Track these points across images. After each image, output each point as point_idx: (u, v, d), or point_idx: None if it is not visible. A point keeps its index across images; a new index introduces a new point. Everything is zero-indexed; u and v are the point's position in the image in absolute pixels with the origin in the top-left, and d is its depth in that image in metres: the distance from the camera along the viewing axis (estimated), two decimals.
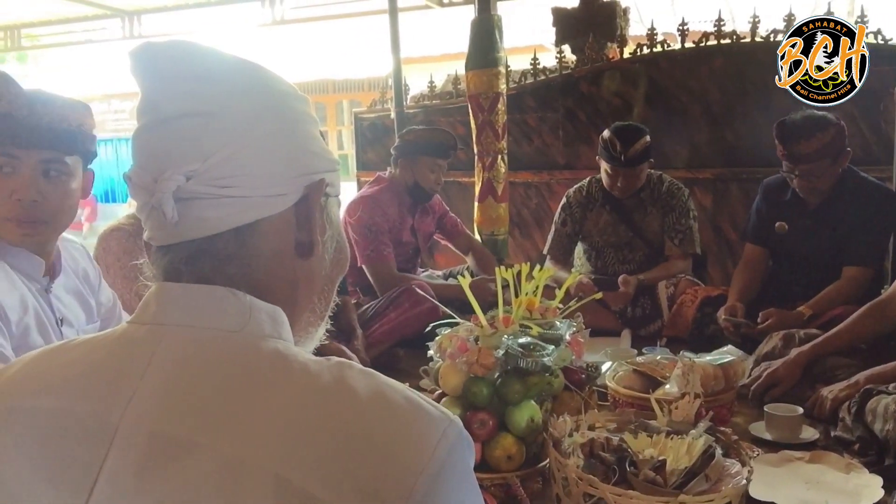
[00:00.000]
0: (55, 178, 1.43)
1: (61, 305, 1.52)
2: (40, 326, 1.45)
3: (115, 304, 1.72)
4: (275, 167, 0.71)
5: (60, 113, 1.41)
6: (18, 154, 1.39)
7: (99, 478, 0.61)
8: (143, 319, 0.70)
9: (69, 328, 1.52)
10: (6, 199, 1.40)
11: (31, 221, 1.42)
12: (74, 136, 1.43)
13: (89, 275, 1.65)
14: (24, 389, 0.69)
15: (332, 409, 0.62)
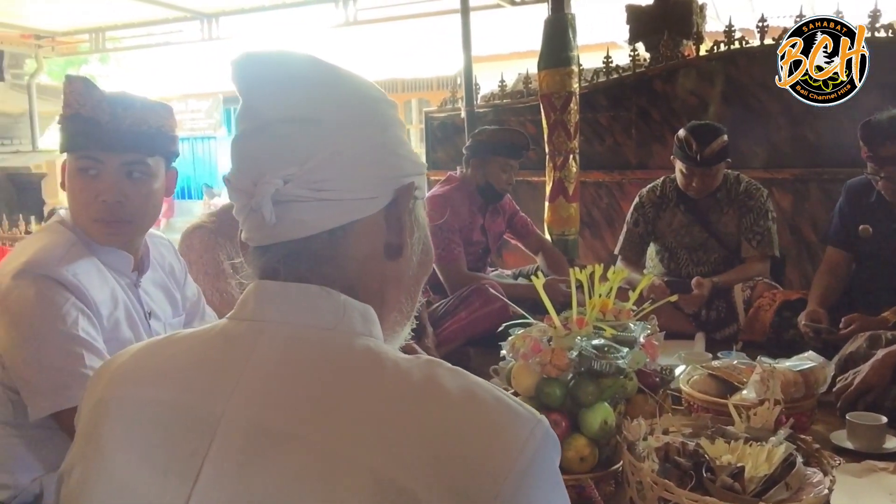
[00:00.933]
0: (138, 180, 1.48)
1: (149, 299, 1.59)
2: (129, 320, 1.51)
3: (200, 297, 1.78)
4: (367, 171, 0.73)
5: (141, 116, 1.46)
6: (102, 157, 1.45)
7: (203, 466, 0.64)
8: (242, 316, 0.73)
9: (156, 321, 1.58)
10: (92, 200, 1.46)
11: (116, 221, 1.48)
12: (155, 137, 1.48)
13: (175, 269, 1.71)
14: (133, 380, 0.73)
15: (424, 407, 0.64)
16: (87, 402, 0.76)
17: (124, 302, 1.51)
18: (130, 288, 1.55)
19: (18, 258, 1.44)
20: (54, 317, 1.37)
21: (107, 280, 1.48)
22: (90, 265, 1.46)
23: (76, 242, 1.48)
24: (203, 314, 1.78)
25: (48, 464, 1.43)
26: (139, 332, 1.52)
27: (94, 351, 1.39)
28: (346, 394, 0.65)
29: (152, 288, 1.61)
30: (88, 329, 1.39)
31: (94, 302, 1.42)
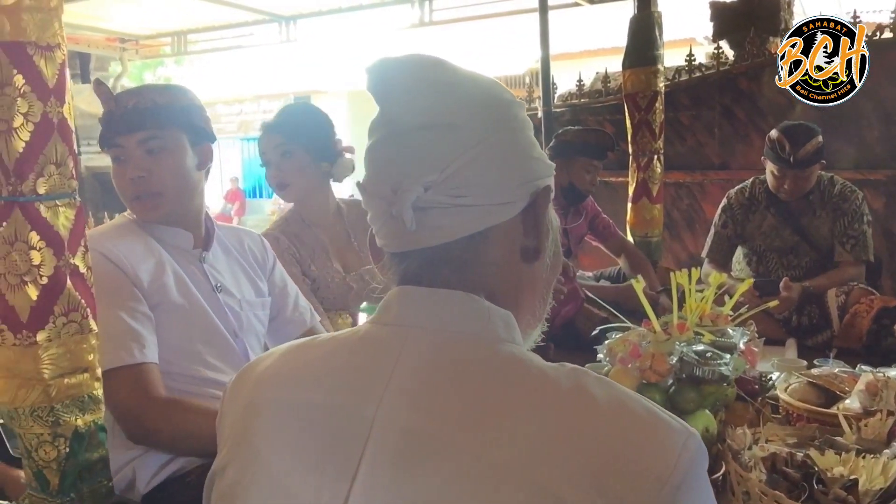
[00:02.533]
0: (158, 153, 1.57)
1: (217, 274, 1.66)
2: (182, 288, 1.58)
3: (286, 285, 1.83)
4: (505, 176, 0.73)
5: (146, 96, 1.56)
6: (121, 141, 1.56)
7: (359, 469, 0.65)
8: (385, 320, 0.73)
9: (228, 296, 1.66)
10: (125, 183, 1.58)
11: (145, 195, 1.58)
12: (164, 112, 1.57)
13: (258, 256, 1.79)
14: (281, 383, 0.74)
15: (576, 417, 0.63)
16: (234, 404, 0.77)
17: (176, 272, 1.58)
18: (193, 263, 1.64)
19: None
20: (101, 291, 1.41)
21: (153, 251, 1.58)
22: (136, 239, 1.57)
23: (131, 224, 1.62)
24: (296, 306, 1.83)
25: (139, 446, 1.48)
26: (196, 301, 1.59)
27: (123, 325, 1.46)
28: (497, 401, 0.65)
29: (223, 266, 1.70)
30: (126, 301, 1.48)
31: (134, 269, 1.51)
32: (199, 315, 1.57)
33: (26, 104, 1.21)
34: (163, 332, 1.49)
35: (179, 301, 1.55)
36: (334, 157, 2.20)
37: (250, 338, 1.67)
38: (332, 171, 2.22)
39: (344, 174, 2.28)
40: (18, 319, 1.24)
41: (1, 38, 1.18)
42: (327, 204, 2.27)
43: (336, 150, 2.21)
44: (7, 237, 1.24)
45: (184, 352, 1.51)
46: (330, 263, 2.18)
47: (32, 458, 1.29)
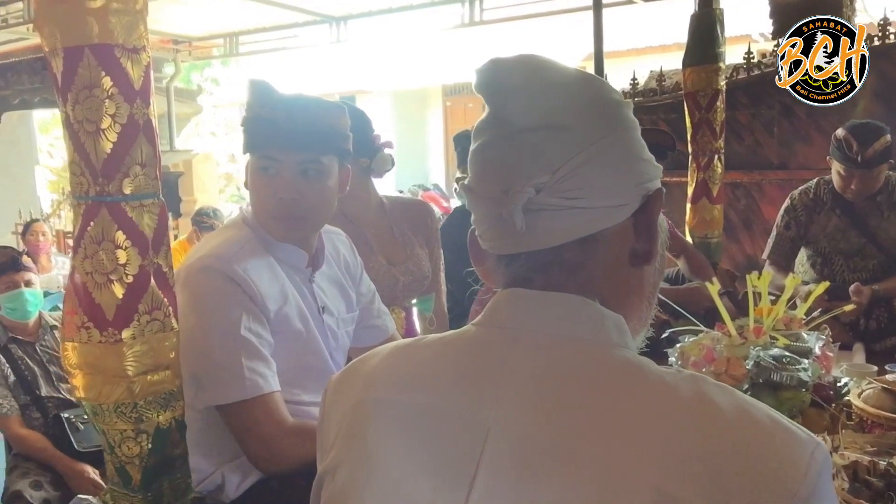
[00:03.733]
0: (313, 178, 1.51)
1: (322, 294, 1.62)
2: (300, 314, 1.54)
3: (375, 296, 1.80)
4: (617, 178, 0.71)
5: (315, 115, 1.49)
6: (279, 156, 1.49)
7: (477, 475, 0.64)
8: (494, 323, 0.72)
9: (329, 316, 1.62)
10: (270, 198, 1.50)
11: (293, 218, 1.52)
12: (329, 136, 1.51)
13: (350, 265, 1.74)
14: (390, 383, 0.74)
15: (699, 425, 0.62)
16: (339, 404, 0.77)
17: (295, 297, 1.54)
18: (304, 283, 1.59)
19: (201, 250, 1.52)
20: (220, 314, 1.43)
21: (277, 276, 1.52)
22: (261, 261, 1.51)
23: (252, 239, 1.53)
24: (380, 314, 1.80)
25: (227, 451, 1.48)
26: (310, 326, 1.56)
27: (253, 352, 1.42)
28: (614, 407, 0.64)
29: (326, 283, 1.65)
30: (252, 326, 1.44)
31: (262, 297, 1.46)
32: (310, 340, 1.55)
33: (114, 106, 1.23)
34: (275, 357, 1.46)
35: (298, 328, 1.52)
36: (373, 152, 2.18)
37: (340, 355, 1.65)
38: (372, 165, 2.19)
39: (383, 169, 2.25)
40: (104, 317, 1.26)
41: (90, 41, 1.20)
42: (368, 199, 2.25)
43: (375, 145, 2.18)
44: (95, 236, 1.26)
45: (288, 375, 1.47)
46: (374, 257, 2.17)
47: (115, 453, 1.31)
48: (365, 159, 2.16)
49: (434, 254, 2.37)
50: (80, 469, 2.69)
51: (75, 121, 1.23)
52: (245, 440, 1.40)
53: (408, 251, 2.25)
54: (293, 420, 1.43)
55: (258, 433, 1.39)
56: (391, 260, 2.21)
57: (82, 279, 1.27)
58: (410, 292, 2.24)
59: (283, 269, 1.54)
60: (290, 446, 1.39)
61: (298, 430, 1.42)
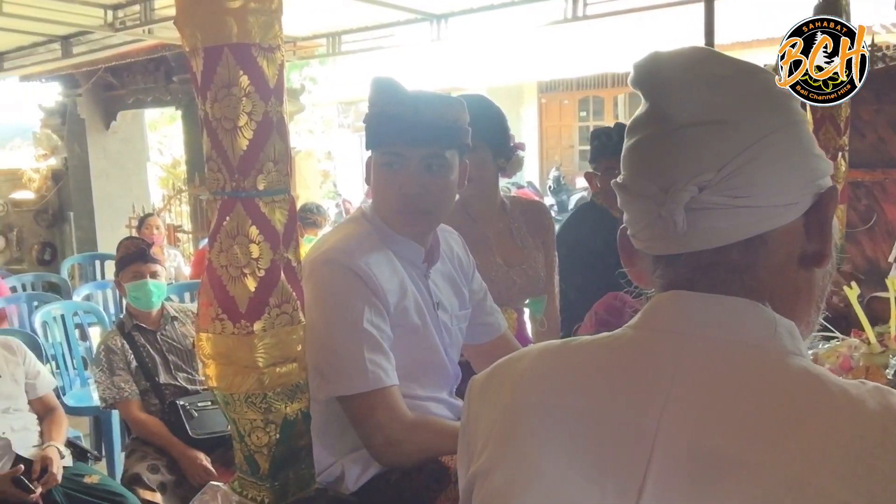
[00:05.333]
0: (436, 172, 1.51)
1: (437, 290, 1.63)
2: (417, 309, 1.55)
3: (486, 295, 1.79)
4: (787, 174, 0.68)
5: (440, 111, 1.49)
6: (404, 151, 1.50)
7: (646, 483, 0.62)
8: (654, 326, 0.70)
9: (444, 312, 1.62)
10: (394, 193, 1.52)
11: (416, 212, 1.53)
12: (452, 131, 1.51)
13: (463, 262, 1.74)
14: (544, 386, 0.72)
15: (891, 440, 0.58)
16: (488, 405, 0.76)
17: (412, 292, 1.55)
18: (420, 278, 1.59)
19: (324, 245, 1.55)
20: (343, 306, 1.45)
21: (396, 270, 1.54)
22: (382, 255, 1.52)
23: (372, 234, 1.55)
24: (491, 311, 1.79)
25: (348, 443, 1.50)
26: (426, 321, 1.57)
27: (375, 345, 1.44)
28: (796, 420, 0.60)
29: (441, 279, 1.65)
30: (374, 320, 1.46)
31: (383, 290, 1.48)
32: (426, 335, 1.56)
33: (250, 104, 1.26)
34: (392, 351, 1.47)
35: (416, 322, 1.53)
36: (511, 153, 2.17)
37: (454, 351, 1.65)
38: (507, 166, 2.19)
39: (515, 170, 2.25)
40: (237, 310, 1.29)
41: (229, 41, 1.23)
42: (496, 199, 2.25)
43: (511, 146, 2.18)
44: (230, 231, 1.29)
45: (404, 369, 1.48)
46: (493, 258, 2.15)
47: (245, 442, 1.35)
48: (503, 160, 2.16)
49: (549, 255, 2.34)
50: (193, 455, 2.79)
51: (213, 118, 1.27)
52: (365, 432, 1.42)
53: (525, 253, 2.24)
54: (413, 414, 1.44)
55: (378, 426, 1.41)
56: (508, 261, 2.20)
57: (217, 272, 1.31)
58: (525, 294, 2.23)
59: (401, 263, 1.55)
60: (409, 440, 1.40)
61: (418, 425, 1.43)
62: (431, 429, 1.45)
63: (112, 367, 2.90)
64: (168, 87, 8.23)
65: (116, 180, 9.25)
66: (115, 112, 9.10)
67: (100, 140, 9.18)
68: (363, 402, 1.40)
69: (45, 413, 2.87)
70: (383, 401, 1.40)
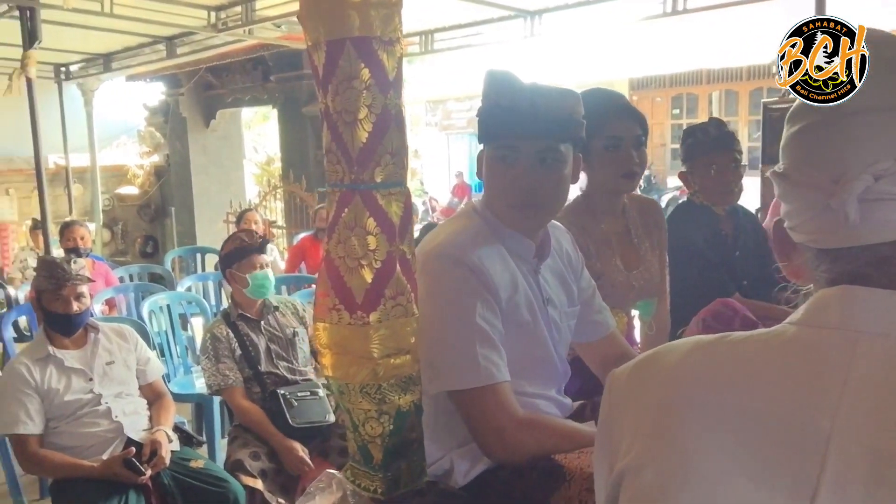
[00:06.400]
0: (550, 166, 1.49)
1: (547, 286, 1.60)
2: (528, 304, 1.53)
3: (595, 292, 1.76)
4: None
5: (557, 103, 1.47)
6: (519, 145, 1.47)
7: (820, 486, 0.59)
8: (822, 323, 0.66)
9: (553, 308, 1.60)
10: (508, 186, 1.50)
11: (530, 206, 1.51)
12: (567, 124, 1.48)
13: (572, 258, 1.72)
14: (702, 382, 0.69)
15: None
16: (635, 399, 0.74)
17: (523, 287, 1.54)
18: (531, 274, 1.58)
19: (435, 239, 1.54)
20: (456, 301, 1.44)
21: (508, 265, 1.52)
22: (493, 250, 1.51)
23: (483, 228, 1.54)
24: (600, 309, 1.76)
25: (457, 438, 1.49)
26: (537, 317, 1.55)
27: (487, 340, 1.43)
28: None
29: (550, 276, 1.63)
30: (486, 315, 1.44)
31: (495, 285, 1.46)
32: (536, 331, 1.54)
33: (370, 96, 1.27)
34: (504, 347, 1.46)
35: (526, 318, 1.52)
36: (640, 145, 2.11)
37: (563, 348, 1.63)
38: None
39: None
40: (354, 300, 1.31)
41: (351, 34, 1.25)
42: (620, 196, 2.18)
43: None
44: (348, 223, 1.31)
45: (515, 366, 1.46)
46: (614, 260, 2.10)
47: (359, 432, 1.37)
48: None
49: (663, 256, 2.27)
50: (291, 446, 2.84)
51: (334, 111, 1.29)
52: (476, 428, 1.41)
53: (641, 255, 2.18)
54: (524, 411, 1.42)
55: (489, 421, 1.40)
56: (627, 265, 2.14)
57: (335, 263, 1.33)
58: (639, 298, 2.17)
59: (512, 258, 1.54)
60: (521, 437, 1.39)
61: (531, 422, 1.41)
62: (544, 427, 1.44)
63: (217, 355, 2.99)
64: (265, 86, 8.46)
65: (215, 177, 9.59)
66: (215, 110, 9.42)
67: (200, 138, 9.53)
68: (474, 397, 1.40)
69: (154, 398, 2.98)
70: (495, 396, 1.40)
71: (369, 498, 1.35)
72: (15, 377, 2.70)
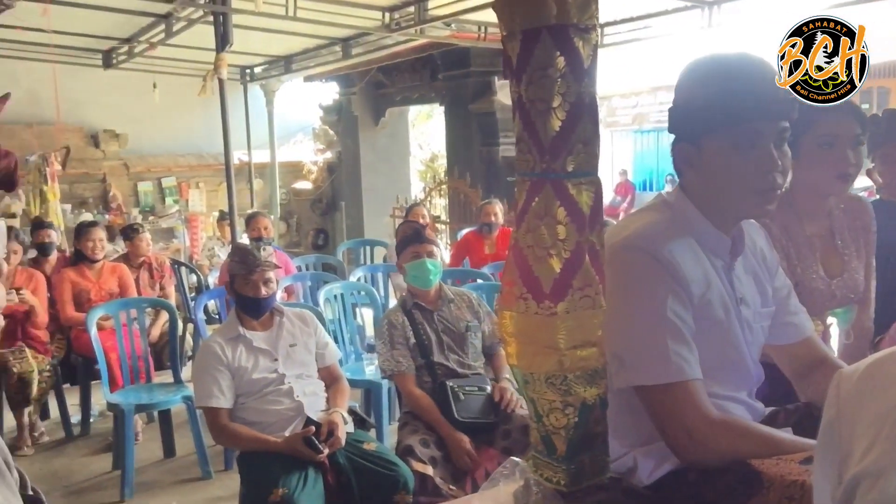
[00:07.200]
0: (781, 146, 1.42)
1: (740, 284, 1.53)
2: (722, 302, 1.47)
3: (791, 292, 1.66)
4: None
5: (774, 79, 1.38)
6: (762, 128, 1.40)
7: None
8: None
9: (746, 308, 1.52)
10: (751, 172, 1.42)
11: (772, 191, 1.43)
12: (794, 102, 1.39)
13: (766, 257, 1.62)
14: None
15: None
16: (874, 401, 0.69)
17: (717, 284, 1.47)
18: (724, 271, 1.51)
19: (623, 231, 1.50)
20: (646, 294, 1.40)
21: (700, 260, 1.46)
22: (685, 244, 1.45)
23: (674, 221, 1.49)
24: (795, 309, 1.65)
25: (642, 435, 1.45)
26: (730, 316, 1.48)
27: (677, 335, 1.38)
28: None
29: (743, 273, 1.55)
30: (677, 309, 1.39)
31: (687, 280, 1.41)
32: (729, 331, 1.48)
33: (565, 85, 1.26)
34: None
35: (720, 317, 1.46)
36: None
37: (755, 350, 1.55)
38: None
39: None
40: (542, 290, 1.30)
41: (547, 22, 1.24)
42: (828, 199, 2.03)
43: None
44: (538, 211, 1.31)
45: (705, 366, 1.40)
46: (815, 266, 1.96)
47: (543, 423, 1.36)
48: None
49: (869, 259, 2.10)
50: (459, 438, 2.88)
51: (527, 100, 1.29)
52: (665, 426, 1.37)
53: (845, 262, 2.02)
54: (717, 412, 1.36)
55: (680, 420, 1.35)
56: (829, 271, 1.99)
57: (523, 252, 1.33)
58: (839, 305, 2.02)
59: (704, 254, 1.47)
60: (713, 438, 1.33)
61: (724, 423, 1.35)
62: (740, 430, 1.36)
63: (392, 341, 3.09)
64: (433, 84, 8.66)
65: (382, 173, 9.93)
66: (384, 109, 9.75)
67: (369, 135, 9.90)
68: (664, 393, 1.35)
69: (330, 381, 3.12)
70: (686, 394, 1.35)
71: (553, 489, 1.34)
72: (210, 354, 2.92)
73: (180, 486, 3.89)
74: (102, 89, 8.72)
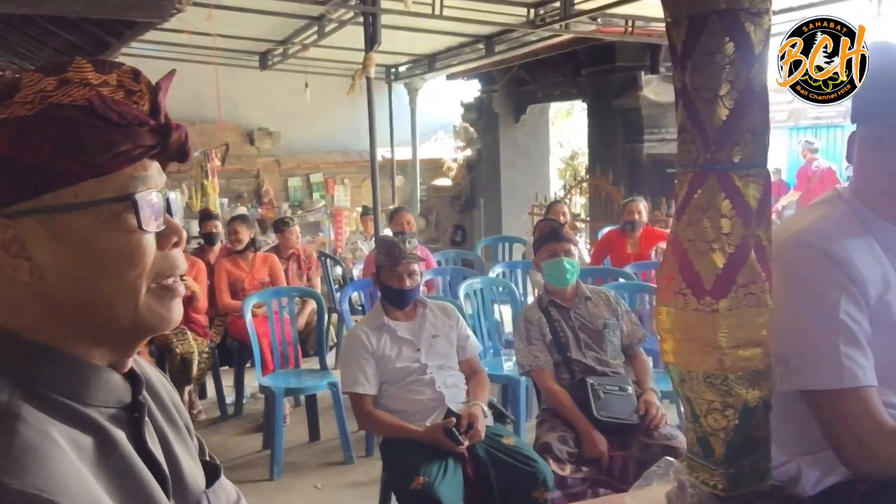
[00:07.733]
0: None
1: None
2: None
3: None
4: None
5: None
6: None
7: None
8: None
9: None
10: (885, 170, 1.35)
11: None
12: None
13: None
14: None
15: None
16: None
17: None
18: None
19: (794, 226, 1.44)
20: (818, 294, 1.33)
21: (879, 259, 1.36)
22: (862, 242, 1.36)
23: (850, 217, 1.40)
24: None
25: (806, 442, 1.37)
26: None
27: (851, 338, 1.29)
28: None
29: None
30: (851, 311, 1.31)
31: (863, 280, 1.32)
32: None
33: (734, 72, 1.21)
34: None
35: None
36: None
37: None
38: None
39: None
40: (702, 286, 1.26)
41: (717, 6, 1.19)
42: None
43: None
44: (700, 204, 1.26)
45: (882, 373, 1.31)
46: None
47: (700, 423, 1.31)
48: None
49: None
50: (595, 437, 2.83)
51: (692, 88, 1.24)
52: (835, 434, 1.29)
53: None
54: (893, 422, 1.26)
55: (852, 428, 1.26)
56: None
57: (683, 246, 1.28)
58: None
59: (883, 252, 1.37)
60: (888, 450, 1.24)
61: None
62: None
63: (529, 337, 3.08)
64: (575, 80, 8.55)
65: (522, 170, 9.92)
66: (525, 106, 9.74)
67: (509, 132, 9.92)
68: (835, 399, 1.27)
69: (471, 374, 3.15)
70: (859, 401, 1.26)
71: (709, 492, 1.29)
72: (356, 342, 3.01)
73: (324, 468, 4.04)
74: (258, 89, 9.19)
